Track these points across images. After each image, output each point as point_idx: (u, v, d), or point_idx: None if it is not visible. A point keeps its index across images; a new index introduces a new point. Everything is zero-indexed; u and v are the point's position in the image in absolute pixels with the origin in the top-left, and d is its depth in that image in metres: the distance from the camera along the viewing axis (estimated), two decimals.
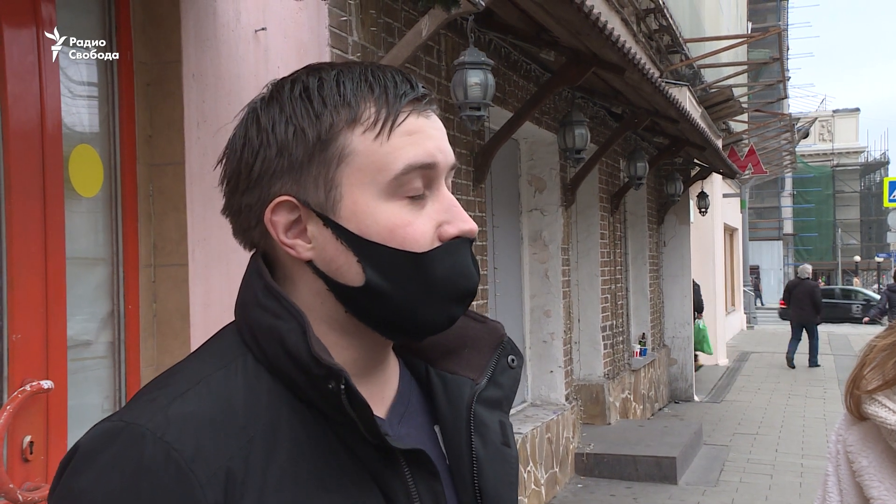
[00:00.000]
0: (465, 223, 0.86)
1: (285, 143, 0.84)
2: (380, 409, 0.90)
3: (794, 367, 15.49)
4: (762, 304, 41.01)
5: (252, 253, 0.91)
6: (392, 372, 0.94)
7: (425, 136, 0.86)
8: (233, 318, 0.90)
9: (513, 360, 0.98)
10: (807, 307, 15.54)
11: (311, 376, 0.81)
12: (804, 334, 15.83)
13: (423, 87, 0.88)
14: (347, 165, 0.84)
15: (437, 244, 0.85)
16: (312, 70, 0.88)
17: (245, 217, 0.88)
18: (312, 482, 0.80)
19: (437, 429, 0.93)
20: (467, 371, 0.95)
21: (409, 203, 0.85)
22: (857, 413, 1.46)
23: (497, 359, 0.96)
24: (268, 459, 0.79)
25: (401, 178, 0.84)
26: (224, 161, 0.89)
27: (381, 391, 0.91)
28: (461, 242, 0.87)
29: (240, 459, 0.77)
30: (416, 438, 0.90)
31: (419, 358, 0.98)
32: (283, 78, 0.88)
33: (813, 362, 15.75)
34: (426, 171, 0.85)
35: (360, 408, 0.80)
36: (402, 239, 0.83)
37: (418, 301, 0.85)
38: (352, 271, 0.84)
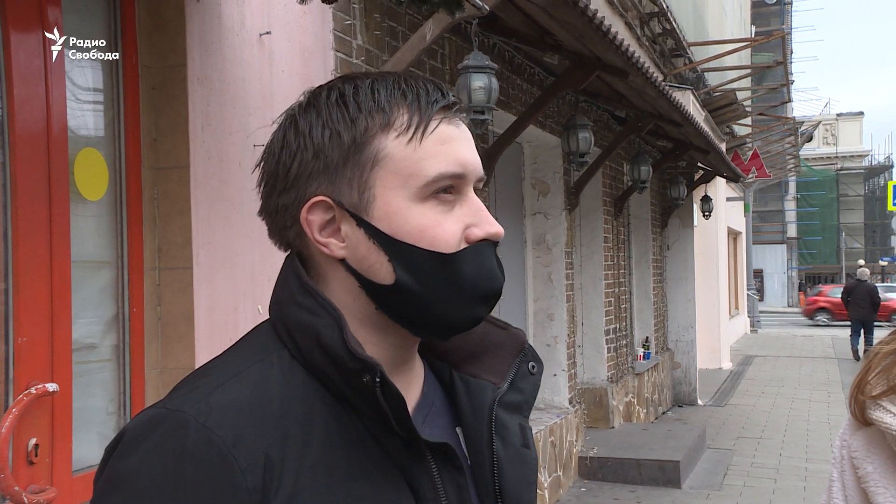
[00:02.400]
0: (491, 226, 0.90)
1: (321, 146, 0.88)
2: None
3: (858, 359, 16.87)
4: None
5: (287, 253, 0.95)
6: (417, 374, 0.97)
7: (456, 145, 0.90)
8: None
9: (533, 367, 1.01)
10: (866, 306, 17.13)
11: (346, 370, 0.84)
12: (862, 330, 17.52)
13: (453, 95, 0.92)
14: (381, 168, 0.88)
15: (465, 246, 0.88)
16: (349, 78, 0.92)
17: (281, 217, 0.91)
18: (344, 472, 0.83)
19: (459, 430, 0.97)
20: (489, 375, 0.99)
21: (438, 204, 0.88)
22: (861, 418, 1.46)
23: (518, 365, 1.00)
24: (303, 449, 0.82)
25: (432, 185, 0.88)
26: (262, 164, 0.93)
27: (406, 391, 0.94)
28: (486, 245, 0.90)
29: (277, 447, 0.80)
30: (440, 438, 0.93)
31: (443, 361, 1.01)
32: (321, 86, 0.93)
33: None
34: (456, 179, 0.89)
35: (395, 400, 0.84)
36: (431, 238, 0.87)
37: (445, 300, 0.88)
38: (383, 270, 0.88)
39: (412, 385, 0.95)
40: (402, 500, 0.86)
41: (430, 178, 0.87)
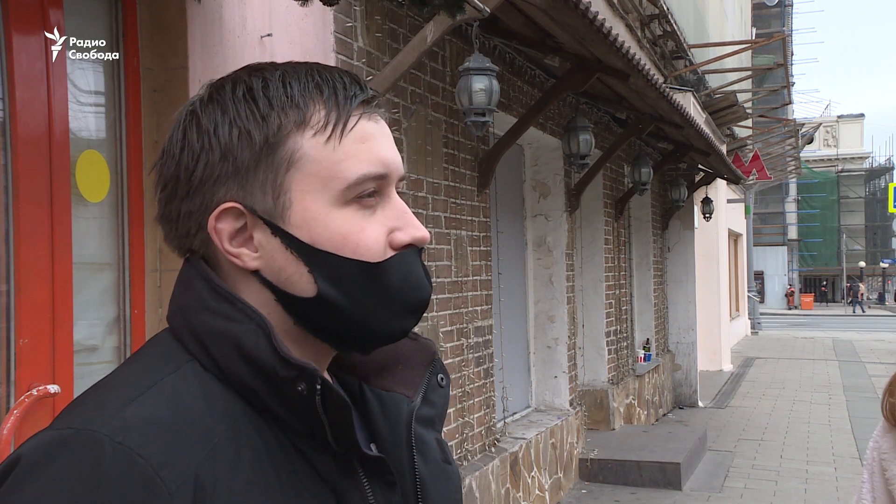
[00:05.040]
0: (416, 230, 0.84)
1: (229, 147, 0.80)
2: None
3: None
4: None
5: (186, 257, 0.86)
6: None
7: (377, 143, 0.83)
8: None
9: (442, 379, 0.95)
10: None
11: (275, 379, 0.77)
12: None
13: (371, 89, 0.85)
14: (298, 171, 0.80)
15: (390, 252, 0.82)
16: (254, 70, 0.84)
17: (185, 224, 0.83)
18: (275, 492, 0.76)
19: (373, 447, 0.90)
20: (401, 388, 0.93)
21: (360, 209, 0.82)
22: (893, 420, 1.47)
23: (429, 377, 0.94)
24: (234, 466, 0.74)
25: (354, 188, 0.81)
26: (159, 166, 0.84)
27: None
28: (412, 252, 0.84)
29: (208, 466, 0.72)
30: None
31: (352, 374, 0.95)
32: (222, 78, 0.84)
33: None
34: (379, 180, 0.83)
35: (338, 409, 0.77)
36: (354, 246, 0.80)
37: (372, 313, 0.82)
38: (302, 281, 0.80)
39: None
40: None
41: (351, 181, 0.80)
